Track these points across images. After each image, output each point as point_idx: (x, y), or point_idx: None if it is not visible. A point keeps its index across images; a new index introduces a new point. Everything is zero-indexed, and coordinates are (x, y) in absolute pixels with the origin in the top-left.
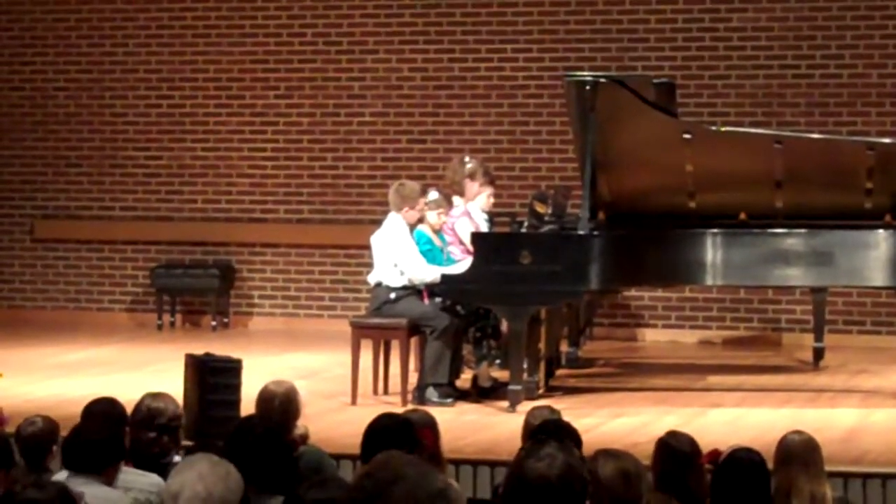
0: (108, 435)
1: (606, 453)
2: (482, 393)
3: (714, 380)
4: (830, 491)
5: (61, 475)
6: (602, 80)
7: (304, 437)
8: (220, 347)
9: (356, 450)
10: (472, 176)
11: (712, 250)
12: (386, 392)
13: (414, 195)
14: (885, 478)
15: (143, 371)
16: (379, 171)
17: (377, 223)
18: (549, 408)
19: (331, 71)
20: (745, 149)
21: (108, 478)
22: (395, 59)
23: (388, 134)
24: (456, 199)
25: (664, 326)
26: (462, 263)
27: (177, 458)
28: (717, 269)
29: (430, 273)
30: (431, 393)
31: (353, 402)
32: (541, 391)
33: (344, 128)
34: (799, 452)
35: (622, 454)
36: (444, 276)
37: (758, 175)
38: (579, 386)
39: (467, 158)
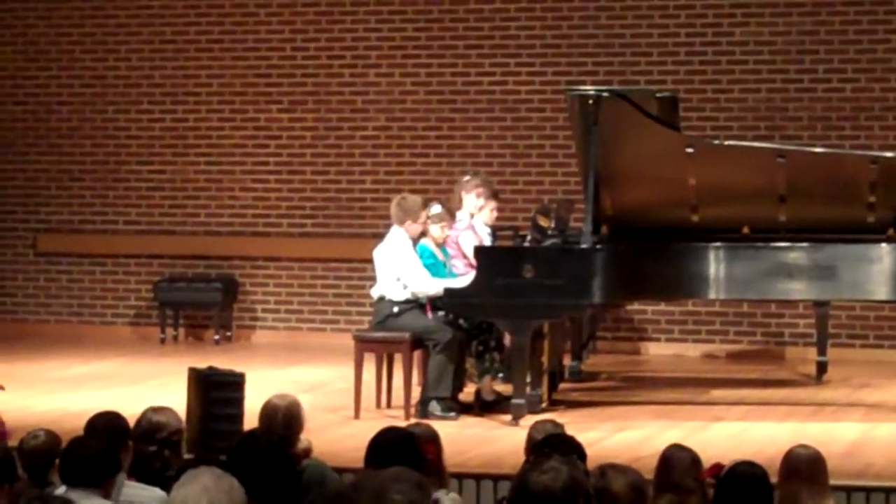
0: (103, 448)
1: (614, 468)
2: (485, 406)
3: (717, 393)
4: None
5: (62, 489)
6: (605, 94)
7: (308, 451)
8: (223, 361)
9: (359, 464)
10: (465, 188)
11: (715, 264)
12: (389, 406)
13: (416, 209)
14: (888, 491)
15: (146, 385)
16: (382, 185)
17: (380, 237)
18: (553, 421)
19: (334, 85)
20: (747, 163)
21: (107, 491)
22: (398, 73)
23: (390, 148)
24: (459, 213)
25: (667, 340)
26: (465, 277)
27: None
28: (720, 283)
29: (434, 286)
30: (434, 406)
31: (357, 415)
32: (544, 405)
33: (347, 141)
34: (804, 467)
35: (628, 468)
36: (447, 290)
37: (761, 189)
38: (582, 400)
39: (470, 172)
